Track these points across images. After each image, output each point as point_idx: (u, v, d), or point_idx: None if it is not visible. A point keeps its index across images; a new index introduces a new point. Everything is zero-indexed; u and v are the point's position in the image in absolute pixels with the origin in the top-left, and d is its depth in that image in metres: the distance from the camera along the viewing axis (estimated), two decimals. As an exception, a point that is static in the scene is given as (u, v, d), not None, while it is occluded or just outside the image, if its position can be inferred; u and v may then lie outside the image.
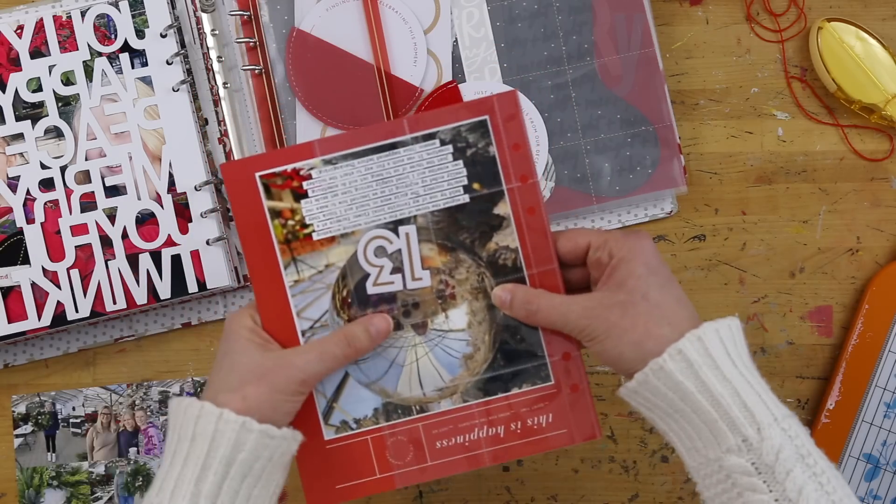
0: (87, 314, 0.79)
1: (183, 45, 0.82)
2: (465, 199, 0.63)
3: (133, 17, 0.81)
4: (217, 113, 0.82)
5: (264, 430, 0.57)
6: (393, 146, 0.62)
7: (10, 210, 0.79)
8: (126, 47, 0.80)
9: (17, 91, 0.80)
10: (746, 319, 0.83)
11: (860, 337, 0.82)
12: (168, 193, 0.80)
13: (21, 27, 0.80)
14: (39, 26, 0.80)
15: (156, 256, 0.79)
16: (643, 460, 0.83)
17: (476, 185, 0.62)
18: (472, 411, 0.63)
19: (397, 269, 0.63)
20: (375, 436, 0.64)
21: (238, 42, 0.83)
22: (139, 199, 0.80)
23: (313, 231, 0.63)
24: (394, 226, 0.63)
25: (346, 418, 0.64)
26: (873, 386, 0.81)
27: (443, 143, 0.62)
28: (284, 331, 0.63)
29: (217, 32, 0.82)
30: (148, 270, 0.79)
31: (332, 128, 0.82)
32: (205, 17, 0.82)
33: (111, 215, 0.79)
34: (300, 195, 0.62)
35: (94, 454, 0.82)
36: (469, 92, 0.82)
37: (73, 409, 0.82)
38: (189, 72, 0.81)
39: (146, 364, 0.82)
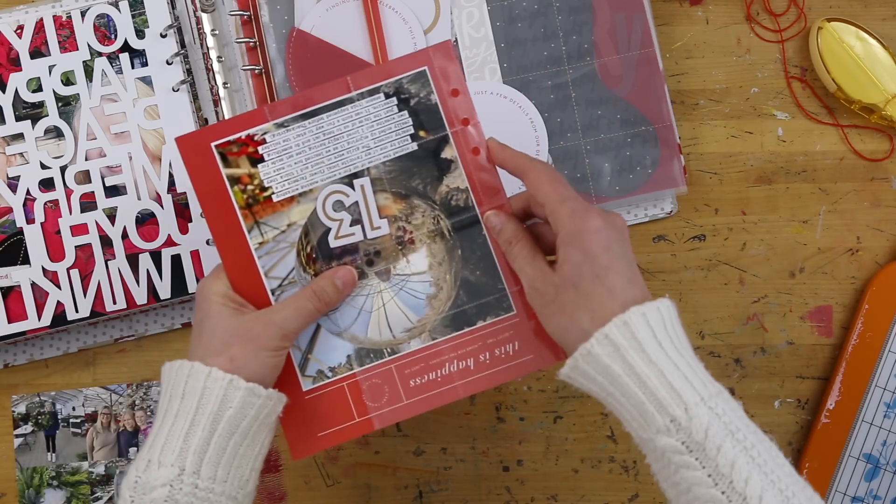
0: (87, 314, 0.79)
1: (183, 45, 0.82)
2: (414, 146, 0.66)
3: (133, 17, 0.81)
4: (217, 113, 0.82)
5: (251, 388, 0.60)
6: (340, 104, 0.65)
7: (10, 210, 0.79)
8: (126, 47, 0.80)
9: (17, 91, 0.80)
10: (746, 319, 0.83)
11: (860, 337, 0.82)
12: (168, 193, 0.80)
13: (21, 27, 0.80)
14: (39, 26, 0.80)
15: (156, 256, 0.79)
16: (643, 460, 0.83)
17: (422, 133, 0.66)
18: (441, 347, 0.66)
19: (356, 221, 0.66)
20: (351, 381, 0.66)
21: (238, 42, 0.83)
22: (139, 199, 0.80)
23: (273, 193, 0.65)
24: (349, 179, 0.66)
25: (322, 367, 0.66)
26: (873, 386, 0.81)
27: (387, 96, 0.65)
28: (255, 292, 0.65)
29: (217, 32, 0.82)
30: (148, 270, 0.79)
31: (332, 128, 0.82)
32: (205, 17, 0.82)
33: (111, 215, 0.79)
34: (256, 160, 0.65)
35: (94, 454, 0.82)
36: (469, 92, 0.82)
37: (73, 409, 0.82)
38: (189, 72, 0.81)
39: (146, 364, 0.82)
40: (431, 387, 0.66)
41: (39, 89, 0.80)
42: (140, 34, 0.81)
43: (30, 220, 0.79)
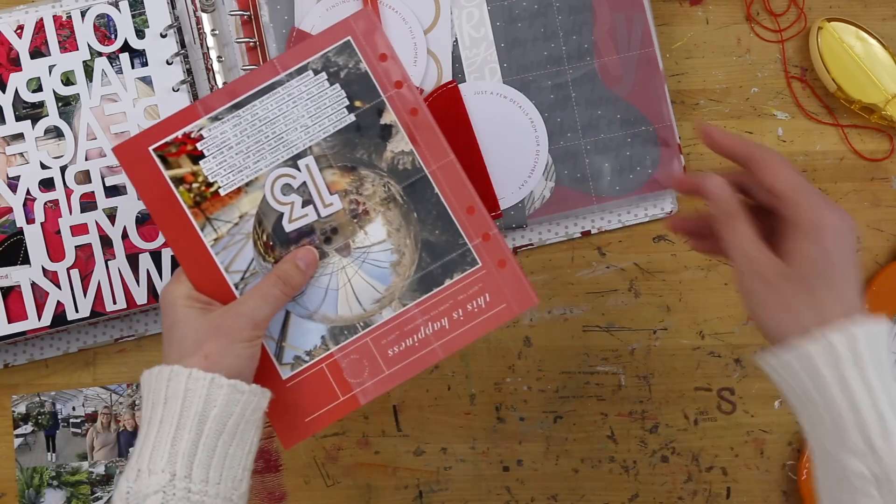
0: (87, 314, 0.79)
1: (183, 45, 0.82)
2: (352, 118, 0.66)
3: (133, 17, 0.81)
4: (217, 113, 0.82)
5: (233, 385, 0.59)
6: (271, 87, 0.65)
7: (10, 210, 0.79)
8: (126, 47, 0.80)
9: (17, 91, 0.80)
10: (746, 319, 0.83)
11: (860, 337, 0.82)
12: (168, 193, 0.80)
13: (21, 27, 0.80)
14: (39, 26, 0.80)
15: (156, 256, 0.79)
16: (643, 460, 0.83)
17: (357, 103, 0.66)
18: (413, 312, 0.66)
19: (308, 202, 0.66)
20: (329, 361, 0.66)
21: (238, 42, 0.83)
22: (139, 199, 0.80)
23: (219, 188, 0.65)
24: (292, 161, 0.65)
25: (298, 353, 0.66)
26: (873, 386, 0.81)
27: (316, 72, 0.65)
28: (218, 289, 0.65)
29: (217, 32, 0.82)
30: (148, 270, 0.79)
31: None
32: (205, 17, 0.82)
33: (111, 215, 0.79)
34: (197, 157, 0.65)
35: (94, 454, 0.82)
36: (469, 92, 0.82)
37: (73, 409, 0.82)
38: (189, 72, 0.81)
39: (146, 364, 0.81)
40: (410, 353, 0.66)
41: (39, 89, 0.80)
42: (140, 34, 0.81)
43: (30, 220, 0.79)
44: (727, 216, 0.58)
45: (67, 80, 0.80)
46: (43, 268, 0.79)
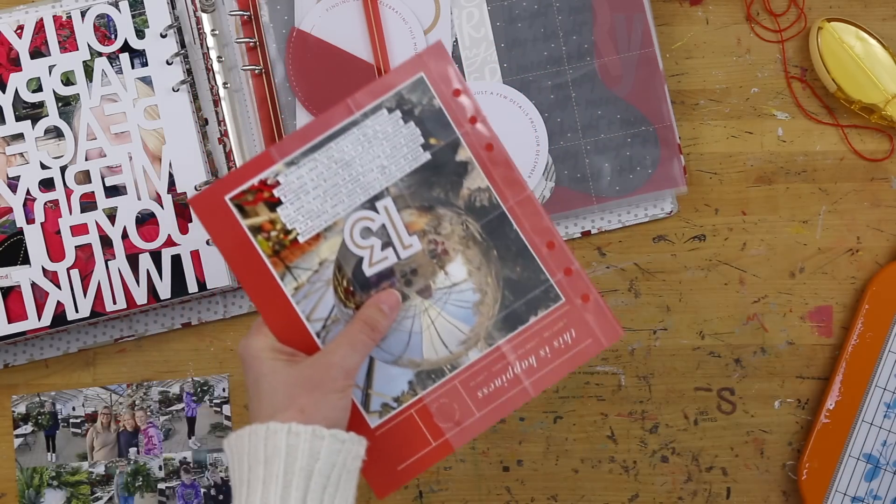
0: (87, 314, 0.79)
1: (183, 45, 0.82)
2: (427, 156, 0.64)
3: (133, 17, 0.81)
4: (217, 113, 0.82)
5: (334, 434, 0.58)
6: (346, 128, 0.63)
7: (10, 210, 0.79)
8: (126, 47, 0.80)
9: (17, 91, 0.80)
10: (746, 319, 0.83)
11: (860, 337, 0.82)
12: (168, 193, 0.80)
13: (21, 27, 0.80)
14: (39, 26, 0.80)
15: (156, 256, 0.79)
16: (643, 460, 0.83)
17: (432, 140, 0.64)
18: (501, 352, 0.65)
19: (387, 244, 0.64)
20: (418, 407, 0.65)
21: (238, 42, 0.83)
22: (139, 199, 0.80)
23: (298, 234, 0.63)
24: (370, 203, 0.64)
25: (385, 400, 0.65)
26: (873, 386, 0.81)
27: (390, 110, 0.64)
28: (300, 339, 0.63)
29: (217, 32, 0.82)
30: (148, 270, 0.79)
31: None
32: (205, 17, 0.82)
33: (111, 215, 0.79)
34: (274, 204, 0.63)
35: (94, 454, 0.82)
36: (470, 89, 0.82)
37: (73, 409, 0.82)
38: (189, 72, 0.81)
39: (146, 364, 0.82)
40: (500, 393, 0.65)
41: (39, 89, 0.80)
42: (140, 34, 0.81)
43: (30, 220, 0.79)
44: None
45: (67, 80, 0.80)
46: (43, 268, 0.79)
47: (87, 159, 0.80)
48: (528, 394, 0.65)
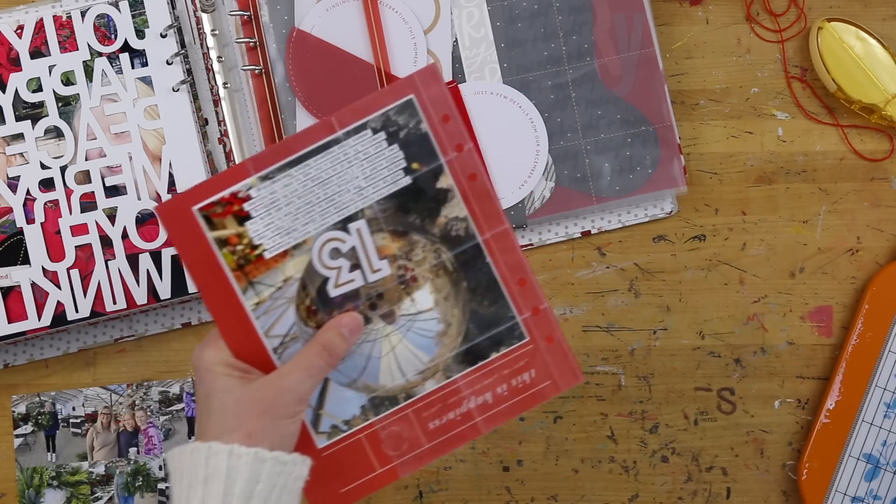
0: (87, 314, 0.79)
1: (183, 45, 0.82)
2: (408, 180, 0.62)
3: (133, 17, 0.81)
4: (217, 113, 0.82)
5: (276, 457, 0.57)
6: (327, 146, 0.61)
7: (10, 210, 0.79)
8: (126, 47, 0.80)
9: (17, 91, 0.80)
10: (746, 319, 0.83)
11: (860, 337, 0.82)
12: (168, 193, 0.80)
13: (21, 27, 0.80)
14: (39, 26, 0.80)
15: (156, 256, 0.79)
16: (643, 460, 0.83)
17: (415, 165, 0.62)
18: (458, 385, 0.64)
19: (355, 266, 0.62)
20: (368, 432, 0.64)
21: (238, 42, 0.83)
22: (139, 199, 0.80)
23: (264, 250, 0.61)
24: (343, 224, 0.62)
25: (335, 422, 0.64)
26: (873, 386, 0.81)
27: (374, 131, 0.61)
28: (256, 355, 0.62)
29: (217, 32, 0.82)
30: (148, 270, 0.79)
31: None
32: (205, 17, 0.82)
33: (111, 215, 0.79)
34: (243, 218, 0.61)
35: (94, 454, 0.82)
36: (469, 92, 0.82)
37: (73, 409, 0.82)
38: (189, 72, 0.81)
39: (146, 364, 0.82)
40: (451, 427, 0.64)
41: (39, 89, 0.80)
42: (140, 34, 0.81)
43: (30, 220, 0.79)
44: None
45: (67, 80, 0.80)
46: (43, 268, 0.79)
47: (87, 159, 0.80)
48: (478, 430, 0.64)
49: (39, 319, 0.78)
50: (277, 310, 0.62)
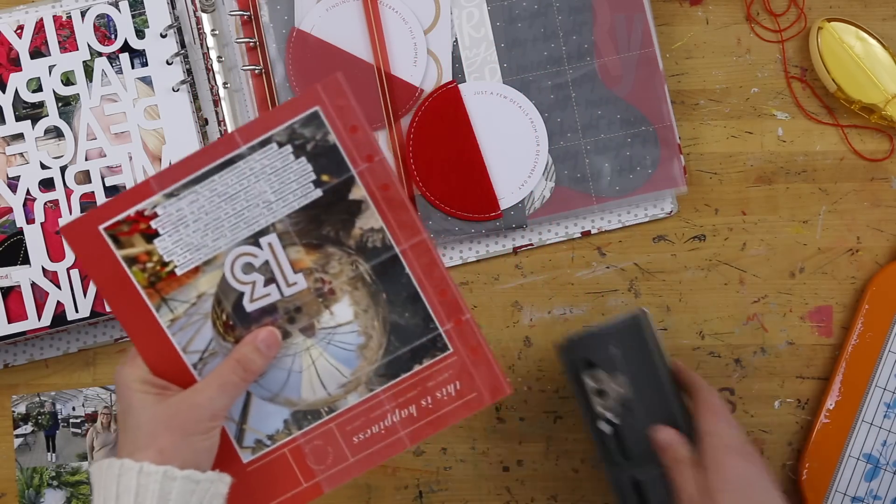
0: (87, 314, 0.79)
1: (183, 45, 0.82)
2: (318, 193, 0.61)
3: (133, 17, 0.81)
4: (217, 113, 0.82)
5: (188, 476, 0.57)
6: (231, 161, 0.60)
7: (10, 210, 0.79)
8: (126, 47, 0.81)
9: (17, 91, 0.80)
10: (746, 319, 0.83)
11: (860, 337, 0.82)
12: (168, 193, 0.80)
13: (21, 27, 0.80)
14: (39, 26, 0.80)
15: (156, 256, 0.79)
16: (643, 460, 0.83)
17: (325, 177, 0.61)
18: (381, 398, 0.64)
19: (270, 280, 0.62)
20: (292, 447, 0.64)
21: (238, 42, 0.83)
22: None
23: (175, 267, 0.61)
24: (254, 239, 0.61)
25: (259, 436, 0.64)
26: (873, 386, 0.81)
27: (280, 144, 0.61)
28: (175, 371, 0.62)
29: (217, 32, 0.82)
30: (148, 270, 0.79)
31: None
32: (205, 17, 0.82)
33: (111, 215, 0.79)
34: (151, 236, 0.61)
35: (94, 454, 0.82)
36: (469, 92, 0.82)
37: (73, 409, 0.82)
38: (189, 72, 0.81)
39: (146, 364, 0.82)
40: (376, 440, 0.64)
41: (39, 89, 0.80)
42: (140, 34, 0.81)
43: (30, 220, 0.79)
44: (675, 462, 0.66)
45: (67, 80, 0.80)
46: (43, 268, 0.79)
47: (87, 159, 0.80)
48: (404, 443, 0.64)
49: (39, 319, 0.78)
50: (194, 326, 0.62)
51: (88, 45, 0.80)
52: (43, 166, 0.79)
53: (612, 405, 0.68)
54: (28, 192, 0.79)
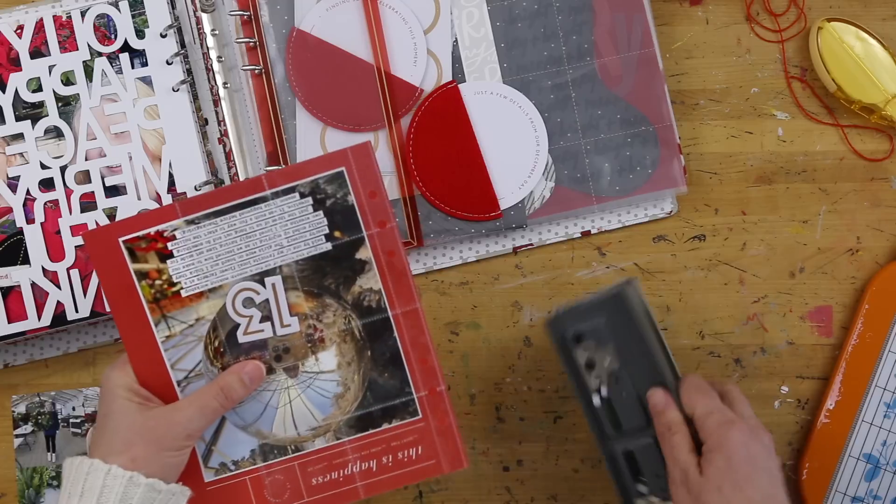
0: (87, 314, 0.79)
1: (183, 45, 0.82)
2: (328, 246, 0.65)
3: (133, 17, 0.81)
4: (217, 113, 0.82)
5: (151, 484, 0.59)
6: (254, 202, 0.64)
7: (10, 210, 0.79)
8: (126, 47, 0.81)
9: (17, 91, 0.80)
10: (746, 319, 0.83)
11: (860, 337, 0.82)
12: (168, 193, 0.80)
13: (21, 27, 0.80)
14: (39, 26, 0.80)
15: (156, 256, 0.79)
16: (643, 460, 0.83)
17: (337, 233, 0.65)
18: (345, 448, 0.66)
19: (266, 318, 0.65)
20: (253, 476, 0.66)
21: (238, 42, 0.83)
22: (139, 199, 0.80)
23: (181, 288, 0.64)
24: (260, 277, 0.65)
25: (225, 460, 0.66)
26: (873, 386, 0.81)
27: (302, 195, 0.64)
28: (160, 384, 0.65)
29: (217, 32, 0.82)
30: (148, 270, 0.79)
31: (332, 128, 0.82)
32: (205, 17, 0.82)
33: (111, 215, 0.79)
34: (165, 256, 0.64)
35: (94, 454, 0.82)
36: (469, 92, 0.82)
37: (73, 409, 0.82)
38: (189, 72, 0.81)
39: (146, 364, 0.82)
40: (333, 486, 0.66)
41: (39, 89, 0.80)
42: (140, 34, 0.81)
43: (30, 220, 0.79)
44: (667, 428, 0.66)
45: (67, 80, 0.80)
46: (43, 268, 0.79)
47: (87, 159, 0.80)
48: (358, 494, 0.66)
49: (39, 319, 0.78)
50: (187, 346, 0.65)
51: (88, 45, 0.80)
52: (43, 166, 0.79)
53: (603, 377, 0.69)
54: (28, 192, 0.79)
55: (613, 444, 0.69)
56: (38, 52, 0.80)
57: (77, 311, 0.79)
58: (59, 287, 0.78)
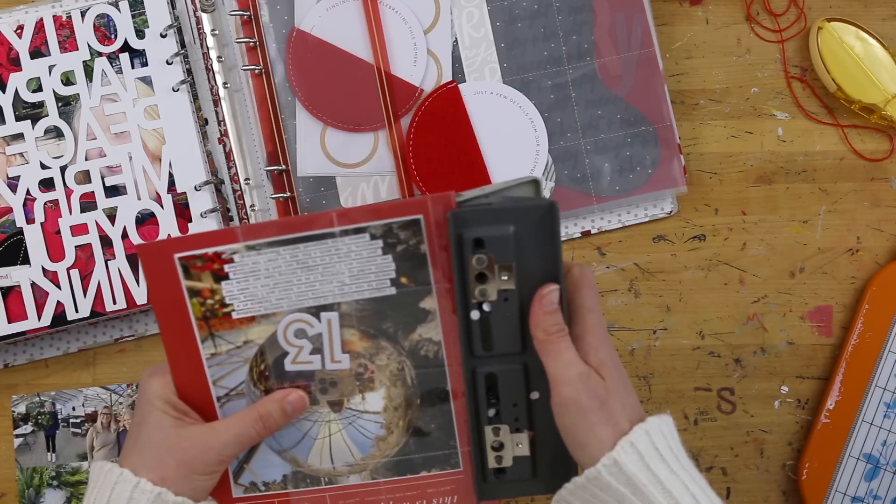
0: (87, 314, 0.79)
1: (183, 45, 0.82)
2: (392, 291, 0.62)
3: (133, 17, 0.81)
4: (217, 113, 0.82)
5: (179, 503, 0.59)
6: (321, 237, 0.61)
7: (10, 210, 0.79)
8: (126, 47, 0.81)
9: (17, 91, 0.80)
10: (746, 319, 0.83)
11: (860, 337, 0.82)
12: (168, 193, 0.80)
13: (21, 27, 0.80)
14: (39, 26, 0.80)
15: (156, 256, 0.79)
16: (643, 460, 0.83)
17: (404, 279, 0.62)
18: (380, 488, 0.65)
19: (317, 351, 0.63)
20: (282, 499, 0.65)
21: (238, 42, 0.83)
22: (139, 199, 0.80)
23: (233, 310, 0.62)
24: (316, 310, 0.62)
25: (256, 480, 0.65)
26: (873, 386, 0.81)
27: (373, 237, 0.61)
28: (200, 398, 0.63)
29: (217, 32, 0.82)
30: (148, 270, 0.79)
31: (332, 128, 0.82)
32: (205, 17, 0.82)
33: (111, 215, 0.79)
34: (221, 277, 0.62)
35: (94, 454, 0.82)
36: (469, 92, 0.82)
37: (73, 409, 0.82)
38: (189, 72, 0.81)
39: (146, 364, 0.82)
40: None
41: (39, 89, 0.80)
42: (140, 34, 0.81)
43: (30, 220, 0.79)
44: (559, 329, 0.59)
45: (67, 80, 0.80)
46: (43, 268, 0.79)
47: (87, 159, 0.80)
48: None
49: (39, 319, 0.78)
50: (231, 365, 0.63)
51: (88, 45, 0.80)
52: (43, 166, 0.79)
53: (491, 295, 0.62)
54: (28, 192, 0.79)
55: (477, 363, 0.64)
56: (38, 52, 0.80)
57: (77, 311, 0.79)
58: (59, 287, 0.78)
